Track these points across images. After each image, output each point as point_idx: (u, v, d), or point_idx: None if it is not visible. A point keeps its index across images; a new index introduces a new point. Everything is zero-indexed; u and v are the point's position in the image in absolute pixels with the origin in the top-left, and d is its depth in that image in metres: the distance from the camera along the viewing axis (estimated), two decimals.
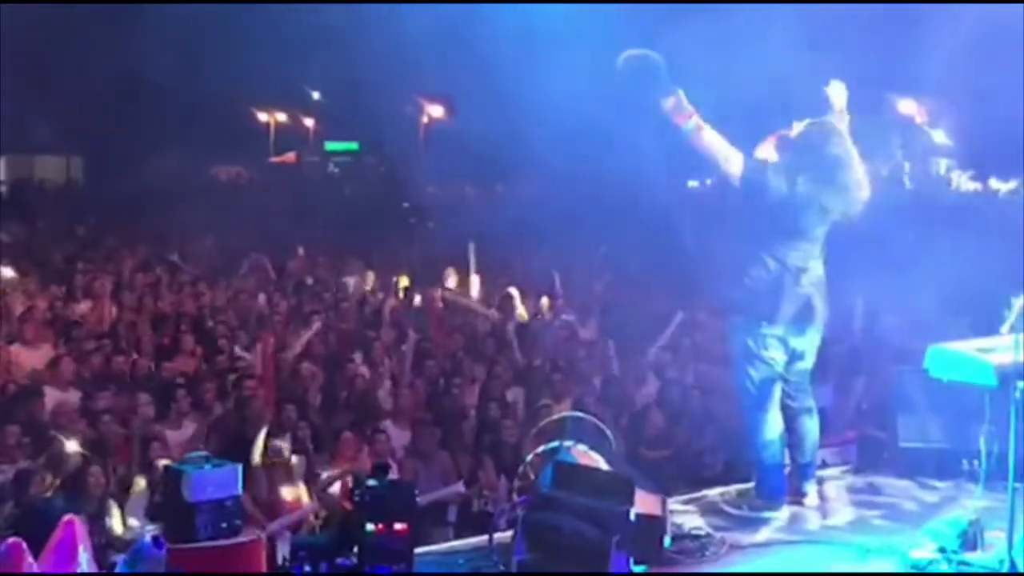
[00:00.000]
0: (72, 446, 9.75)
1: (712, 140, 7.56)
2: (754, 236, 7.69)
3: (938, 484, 8.22)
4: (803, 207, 7.56)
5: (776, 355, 7.68)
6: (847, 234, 7.98)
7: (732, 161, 7.60)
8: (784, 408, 7.79)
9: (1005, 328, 6.51)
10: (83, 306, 15.64)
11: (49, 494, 8.96)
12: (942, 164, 36.53)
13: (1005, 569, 6.22)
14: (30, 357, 12.84)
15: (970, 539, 6.59)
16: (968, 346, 6.82)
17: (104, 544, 8.29)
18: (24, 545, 3.31)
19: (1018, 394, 6.33)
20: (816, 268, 7.73)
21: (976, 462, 7.10)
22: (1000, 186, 35.08)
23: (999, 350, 6.56)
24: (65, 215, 28.60)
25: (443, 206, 31.91)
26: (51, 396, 11.32)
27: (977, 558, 6.48)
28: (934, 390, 7.55)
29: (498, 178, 36.83)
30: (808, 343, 7.81)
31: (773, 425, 7.73)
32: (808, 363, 7.89)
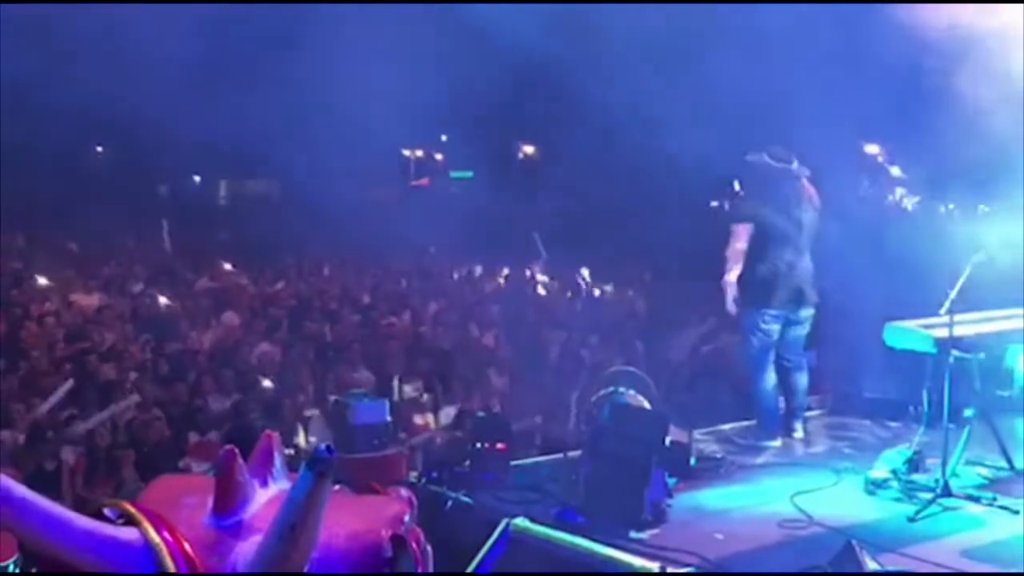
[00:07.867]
0: (267, 384, 9.91)
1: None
2: (755, 245, 7.57)
3: (891, 424, 8.05)
4: (783, 225, 7.48)
5: (773, 328, 7.56)
6: (833, 241, 7.88)
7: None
8: (780, 366, 7.66)
9: (942, 311, 6.38)
10: (278, 286, 15.87)
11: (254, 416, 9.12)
12: (898, 192, 36.06)
13: (940, 487, 6.12)
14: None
15: (914, 464, 6.48)
16: (915, 324, 6.73)
17: (294, 455, 8.39)
18: (236, 451, 3.37)
19: (951, 359, 6.24)
20: (804, 263, 7.60)
21: (920, 408, 6.98)
22: (940, 208, 35.22)
23: (937, 327, 6.48)
24: (267, 223, 28.96)
25: (531, 218, 31.78)
26: (260, 348, 11.51)
27: (919, 478, 6.38)
28: (890, 355, 7.42)
29: (567, 198, 36.60)
30: (802, 317, 7.68)
31: (769, 379, 7.60)
32: (802, 331, 7.74)
